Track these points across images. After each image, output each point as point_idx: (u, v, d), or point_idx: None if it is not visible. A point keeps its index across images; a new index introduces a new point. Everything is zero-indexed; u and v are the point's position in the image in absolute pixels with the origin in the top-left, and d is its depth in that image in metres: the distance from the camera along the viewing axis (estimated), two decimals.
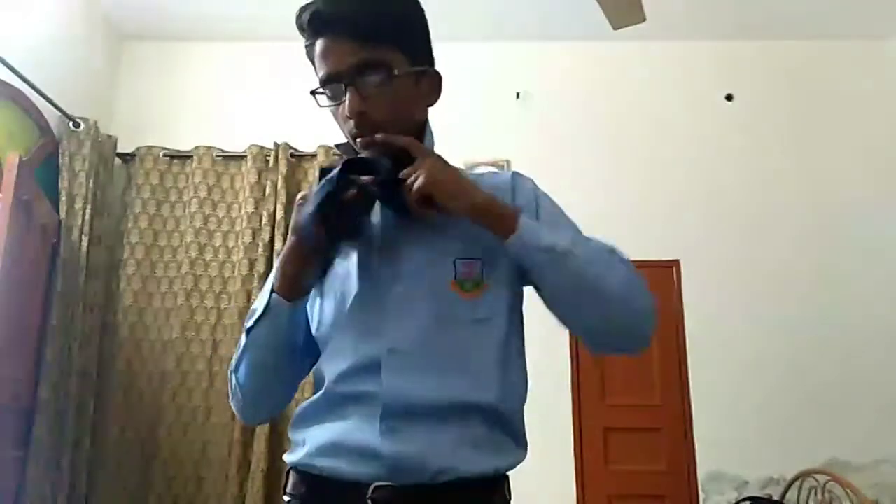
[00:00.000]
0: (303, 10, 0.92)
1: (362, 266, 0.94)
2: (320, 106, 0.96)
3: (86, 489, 3.19)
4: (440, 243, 0.93)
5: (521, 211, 0.90)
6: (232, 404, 1.01)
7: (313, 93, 0.94)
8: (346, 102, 0.90)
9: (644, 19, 2.73)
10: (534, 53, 3.96)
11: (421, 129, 0.99)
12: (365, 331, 0.90)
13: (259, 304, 0.95)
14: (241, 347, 0.96)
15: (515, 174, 1.04)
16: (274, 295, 0.92)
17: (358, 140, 0.93)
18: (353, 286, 0.93)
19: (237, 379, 0.97)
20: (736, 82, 3.92)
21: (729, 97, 3.90)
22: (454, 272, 0.92)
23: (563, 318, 0.93)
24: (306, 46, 0.94)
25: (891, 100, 3.87)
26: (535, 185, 1.04)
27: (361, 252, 0.94)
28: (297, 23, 0.93)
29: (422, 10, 0.97)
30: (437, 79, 0.99)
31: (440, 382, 0.87)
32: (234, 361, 0.98)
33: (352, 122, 0.91)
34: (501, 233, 0.88)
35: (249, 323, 0.94)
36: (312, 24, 0.90)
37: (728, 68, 3.95)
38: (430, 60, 0.99)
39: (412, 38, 0.95)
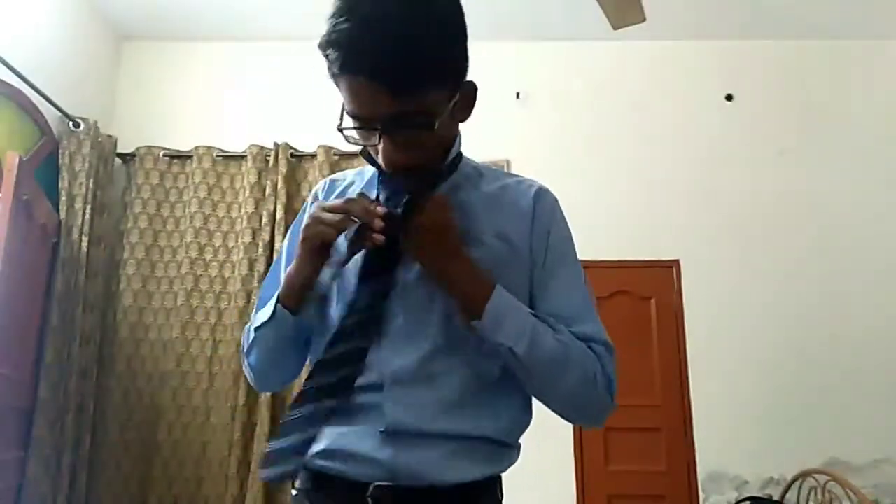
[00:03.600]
0: (328, 43, 0.80)
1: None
2: (348, 142, 0.89)
3: (86, 489, 3.19)
4: None
5: (492, 296, 0.87)
6: (245, 372, 1.06)
7: (340, 129, 0.85)
8: (381, 151, 0.84)
9: (644, 19, 2.73)
10: (534, 53, 3.96)
11: (451, 146, 0.96)
12: (369, 344, 0.90)
13: (265, 309, 0.96)
14: (251, 340, 0.98)
15: (540, 193, 1.00)
16: (279, 306, 0.93)
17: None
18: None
19: (249, 362, 1.01)
20: (736, 82, 3.91)
21: (729, 97, 3.90)
22: None
23: None
24: (330, 72, 0.84)
25: (891, 100, 3.87)
26: (554, 209, 1.00)
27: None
28: (321, 50, 0.82)
29: (463, 25, 0.87)
30: (473, 91, 0.92)
31: (441, 415, 0.87)
32: (244, 345, 1.01)
33: (387, 168, 0.87)
34: (465, 314, 0.87)
35: (257, 323, 0.96)
36: (342, 64, 0.79)
37: (728, 68, 3.94)
38: (466, 72, 0.90)
39: (453, 69, 0.86)
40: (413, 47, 0.78)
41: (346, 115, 0.86)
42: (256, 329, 0.96)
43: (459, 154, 0.99)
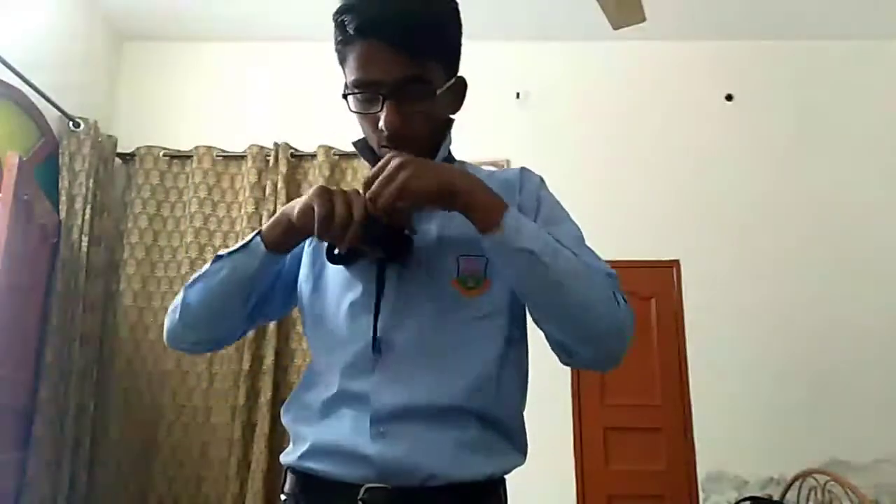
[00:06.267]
0: (347, 7, 0.86)
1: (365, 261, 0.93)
2: (351, 110, 0.92)
3: (86, 489, 3.19)
4: (444, 239, 0.93)
5: (509, 206, 0.83)
6: (166, 321, 0.98)
7: (345, 95, 0.91)
8: (384, 116, 0.87)
9: (644, 19, 2.73)
10: (534, 53, 3.96)
11: (443, 133, 0.99)
12: (362, 328, 0.90)
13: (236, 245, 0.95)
14: (204, 271, 0.94)
15: (524, 170, 1.03)
16: (258, 239, 0.90)
17: (384, 150, 0.92)
18: (355, 280, 0.93)
19: (185, 295, 0.95)
20: (736, 82, 3.91)
21: (729, 97, 3.90)
22: (457, 269, 0.91)
23: (538, 324, 0.89)
24: (339, 41, 0.89)
25: (891, 100, 3.87)
26: (541, 182, 1.03)
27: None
28: (336, 18, 0.88)
29: (461, 20, 0.95)
30: (464, 86, 0.99)
31: (435, 385, 0.86)
32: (190, 282, 0.96)
33: (384, 133, 0.89)
34: (482, 225, 0.82)
35: (222, 252, 0.94)
36: (359, 26, 0.85)
37: (728, 68, 3.94)
38: (458, 66, 0.97)
39: (452, 51, 0.94)
40: (425, 16, 0.86)
41: (349, 87, 0.91)
42: (217, 258, 0.93)
43: (450, 153, 1.04)
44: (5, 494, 2.80)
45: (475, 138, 3.69)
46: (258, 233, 0.91)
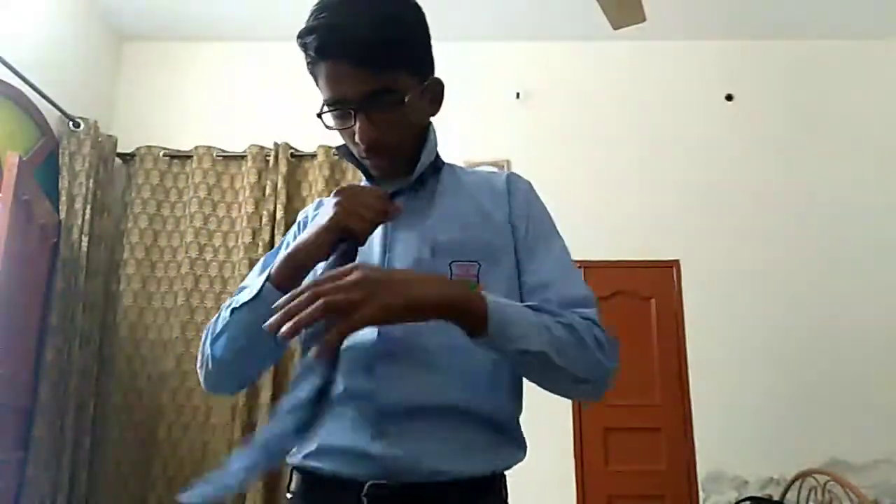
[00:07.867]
0: (308, 31, 0.88)
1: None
2: (327, 127, 0.94)
3: (86, 489, 3.19)
4: (437, 245, 0.93)
5: (486, 298, 0.81)
6: (199, 372, 0.98)
7: (319, 115, 0.93)
8: (358, 129, 0.90)
9: (644, 19, 2.73)
10: (534, 53, 3.96)
11: (424, 136, 1.00)
12: (362, 330, 0.90)
13: (250, 285, 0.92)
14: (223, 324, 0.92)
15: (511, 176, 1.04)
16: (268, 284, 0.88)
17: (366, 160, 0.96)
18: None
19: (212, 351, 0.94)
20: (736, 82, 3.91)
21: (729, 97, 3.90)
22: (450, 275, 0.92)
23: None
24: (308, 63, 0.92)
25: (891, 100, 3.87)
26: (530, 189, 1.04)
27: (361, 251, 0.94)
28: (299, 42, 0.89)
29: (426, 24, 0.95)
30: (440, 87, 0.99)
31: (433, 386, 0.87)
32: (211, 334, 0.94)
33: (361, 146, 0.92)
34: (468, 331, 0.81)
35: (236, 304, 0.91)
36: (319, 49, 0.87)
37: (728, 68, 3.94)
38: (433, 68, 0.98)
39: (419, 57, 0.94)
40: (383, 30, 0.87)
41: (324, 106, 0.93)
42: (234, 310, 0.90)
43: (438, 156, 1.04)
44: (5, 494, 2.80)
45: (475, 138, 3.71)
46: (268, 278, 0.89)
